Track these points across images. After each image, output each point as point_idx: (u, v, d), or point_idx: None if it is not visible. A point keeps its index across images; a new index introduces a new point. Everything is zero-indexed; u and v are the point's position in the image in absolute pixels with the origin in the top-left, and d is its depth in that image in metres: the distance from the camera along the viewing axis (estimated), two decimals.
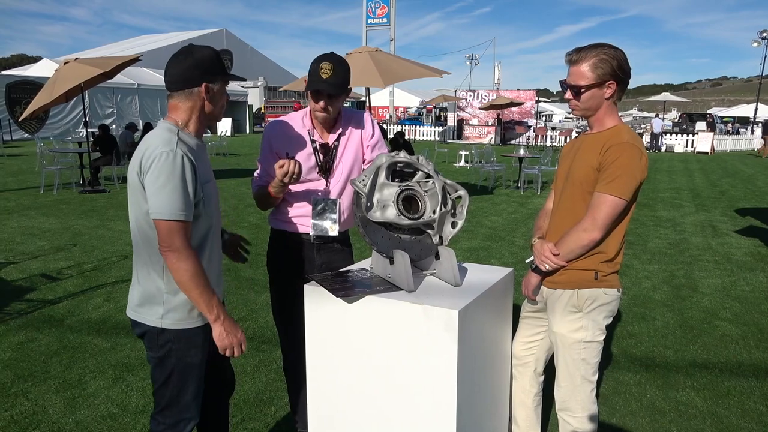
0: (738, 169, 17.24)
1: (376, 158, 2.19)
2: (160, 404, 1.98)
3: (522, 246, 6.86)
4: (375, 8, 30.75)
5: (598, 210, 2.04)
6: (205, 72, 1.84)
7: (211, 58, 1.86)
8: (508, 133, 28.36)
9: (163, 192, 1.73)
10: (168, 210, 1.74)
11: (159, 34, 46.46)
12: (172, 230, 1.75)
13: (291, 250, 2.47)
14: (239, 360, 3.62)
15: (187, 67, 1.83)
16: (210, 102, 1.89)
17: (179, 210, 1.75)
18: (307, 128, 2.39)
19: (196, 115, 1.88)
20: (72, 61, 10.05)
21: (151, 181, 1.74)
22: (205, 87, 1.85)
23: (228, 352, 1.90)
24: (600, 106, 2.11)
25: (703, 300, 4.94)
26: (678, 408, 3.13)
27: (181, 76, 1.84)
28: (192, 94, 1.85)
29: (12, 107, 22.25)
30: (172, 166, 1.73)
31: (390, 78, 7.94)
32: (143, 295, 1.91)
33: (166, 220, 1.74)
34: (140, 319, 1.92)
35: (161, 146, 1.75)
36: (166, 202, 1.73)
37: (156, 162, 1.73)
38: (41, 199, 9.62)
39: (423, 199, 2.22)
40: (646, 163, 2.06)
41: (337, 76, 2.23)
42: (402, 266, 2.08)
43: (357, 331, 2.06)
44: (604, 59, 2.04)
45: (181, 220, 1.76)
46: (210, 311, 1.84)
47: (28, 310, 4.42)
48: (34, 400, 3.12)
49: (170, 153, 1.74)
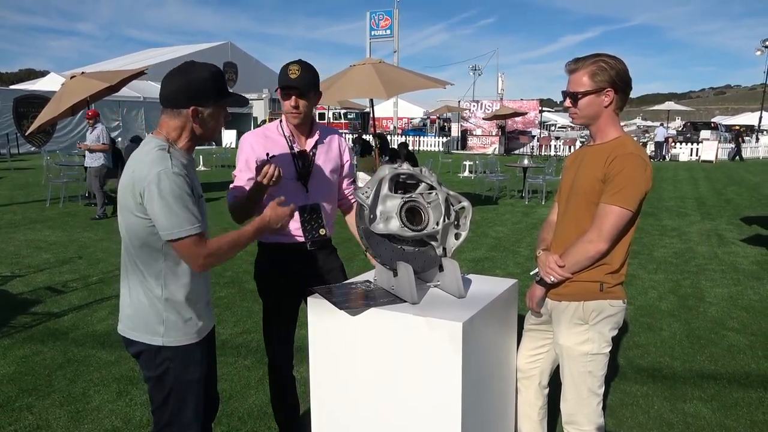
0: (743, 177, 17.18)
1: (378, 170, 2.19)
2: (160, 423, 1.96)
3: (527, 256, 6.84)
4: (378, 20, 30.99)
5: (604, 221, 2.03)
6: (195, 96, 1.80)
7: (205, 80, 1.81)
8: (511, 143, 28.37)
9: (171, 212, 1.72)
10: (179, 227, 1.73)
11: (164, 48, 46.85)
12: (191, 246, 1.76)
13: (282, 260, 2.48)
14: (243, 373, 3.61)
15: (177, 87, 1.80)
16: (200, 125, 1.85)
17: (190, 224, 1.75)
18: (286, 135, 2.43)
19: (186, 134, 1.86)
20: (78, 75, 10.13)
21: (155, 203, 1.72)
22: (193, 111, 1.81)
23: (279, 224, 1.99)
24: (599, 115, 2.11)
25: (710, 310, 4.90)
26: (686, 420, 3.10)
27: (171, 95, 1.82)
28: (180, 114, 1.82)
29: (19, 121, 22.44)
30: (173, 184, 1.73)
31: (393, 89, 7.97)
32: (137, 312, 1.88)
33: (183, 239, 1.74)
34: (136, 338, 1.89)
35: (157, 166, 1.73)
36: (177, 221, 1.73)
37: (156, 183, 1.71)
38: (47, 212, 9.67)
39: (426, 211, 2.22)
40: (651, 174, 2.06)
41: (304, 77, 2.32)
42: (406, 278, 2.07)
43: (361, 343, 2.05)
44: (602, 67, 2.05)
45: (196, 234, 1.76)
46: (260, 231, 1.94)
47: (33, 324, 4.43)
48: (38, 414, 3.11)
49: (167, 171, 1.73)
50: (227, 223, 8.69)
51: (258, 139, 2.43)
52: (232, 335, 4.18)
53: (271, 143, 2.42)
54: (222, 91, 1.86)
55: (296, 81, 2.31)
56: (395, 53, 30.15)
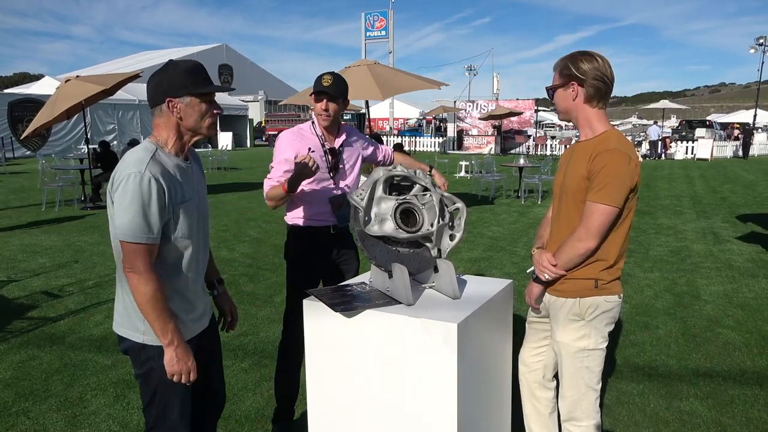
0: (739, 175, 17.25)
1: (373, 172, 2.20)
2: (149, 424, 1.97)
3: (523, 256, 6.86)
4: (373, 21, 30.96)
5: (591, 219, 2.05)
6: (168, 89, 1.83)
7: (177, 73, 1.83)
8: (507, 143, 28.42)
9: (127, 214, 1.74)
10: (131, 232, 1.75)
11: (159, 50, 46.82)
12: (135, 252, 1.76)
13: (308, 242, 2.81)
14: (240, 375, 3.61)
15: (154, 85, 1.86)
16: (183, 118, 1.86)
17: (142, 233, 1.76)
18: (318, 134, 2.78)
19: (172, 132, 1.88)
20: (73, 79, 10.13)
21: (118, 201, 1.76)
22: (169, 103, 1.84)
23: (176, 378, 1.87)
24: (572, 109, 2.18)
25: (706, 308, 4.92)
26: (682, 417, 3.11)
27: (151, 94, 1.87)
28: (162, 112, 1.86)
29: (14, 125, 22.39)
30: (138, 189, 1.74)
31: (389, 90, 7.98)
32: (125, 309, 1.90)
33: (128, 242, 1.76)
34: (123, 334, 1.92)
35: (131, 167, 1.76)
36: (129, 224, 1.75)
37: (124, 183, 1.75)
38: (43, 216, 9.65)
39: (421, 212, 2.23)
40: (637, 168, 2.07)
41: (336, 85, 2.69)
42: (400, 280, 2.08)
43: (356, 345, 2.06)
44: (566, 64, 2.13)
45: (144, 243, 1.77)
46: (164, 336, 1.82)
47: (29, 328, 4.42)
48: (35, 419, 3.11)
49: (137, 175, 1.74)
50: (223, 225, 8.69)
51: (294, 137, 2.76)
52: (229, 338, 4.18)
53: (305, 141, 2.75)
54: (198, 82, 1.86)
55: (328, 87, 2.66)
56: (390, 54, 30.14)
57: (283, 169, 2.67)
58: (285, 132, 2.81)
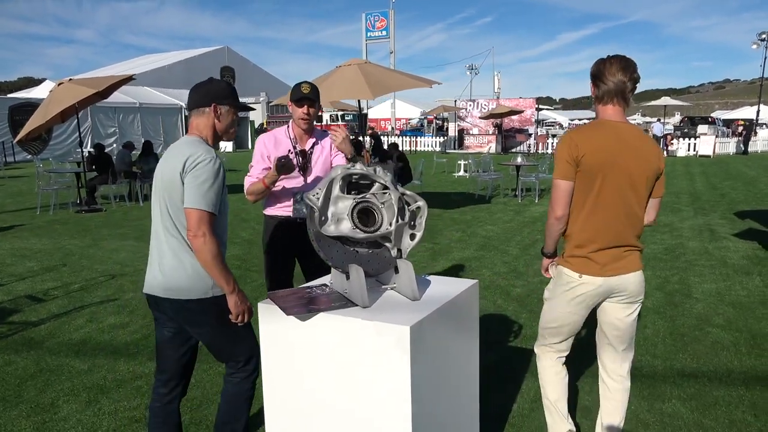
0: (740, 171, 17.09)
1: (331, 170, 2.14)
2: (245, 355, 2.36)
3: (515, 255, 6.77)
4: (374, 22, 30.88)
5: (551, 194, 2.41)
6: (215, 96, 2.29)
7: (222, 86, 2.34)
8: (508, 142, 28.31)
9: (202, 188, 2.12)
10: (205, 202, 2.12)
11: (161, 54, 46.87)
12: (203, 219, 2.13)
13: (280, 230, 3.18)
14: (216, 380, 3.55)
15: (202, 92, 2.30)
16: (219, 120, 2.32)
17: (212, 204, 2.15)
18: (290, 137, 3.16)
19: (210, 131, 2.32)
20: (66, 82, 10.11)
21: (194, 178, 2.13)
22: (214, 107, 2.29)
23: (239, 318, 2.28)
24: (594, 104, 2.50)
25: (696, 306, 4.84)
26: (663, 420, 3.03)
27: (198, 98, 2.30)
28: (205, 113, 2.30)
29: (15, 129, 22.41)
30: (213, 169, 2.15)
31: (379, 89, 7.91)
32: (196, 274, 2.20)
33: (199, 210, 2.12)
34: (185, 296, 2.20)
35: (206, 153, 2.17)
36: (203, 196, 2.12)
37: (203, 164, 2.14)
38: (37, 219, 9.63)
39: (380, 212, 2.17)
40: (576, 143, 2.28)
41: (314, 91, 3.08)
42: (357, 281, 2.02)
43: (311, 348, 2.00)
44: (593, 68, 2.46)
45: (211, 212, 2.15)
46: (228, 285, 2.22)
47: (8, 333, 4.38)
48: (3, 425, 3.06)
49: (215, 160, 2.19)
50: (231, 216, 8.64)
51: (270, 139, 3.17)
52: None
53: (279, 143, 3.14)
54: (236, 98, 2.36)
55: (309, 93, 3.04)
56: (392, 54, 30.07)
57: (262, 167, 3.10)
58: (262, 135, 3.21)
